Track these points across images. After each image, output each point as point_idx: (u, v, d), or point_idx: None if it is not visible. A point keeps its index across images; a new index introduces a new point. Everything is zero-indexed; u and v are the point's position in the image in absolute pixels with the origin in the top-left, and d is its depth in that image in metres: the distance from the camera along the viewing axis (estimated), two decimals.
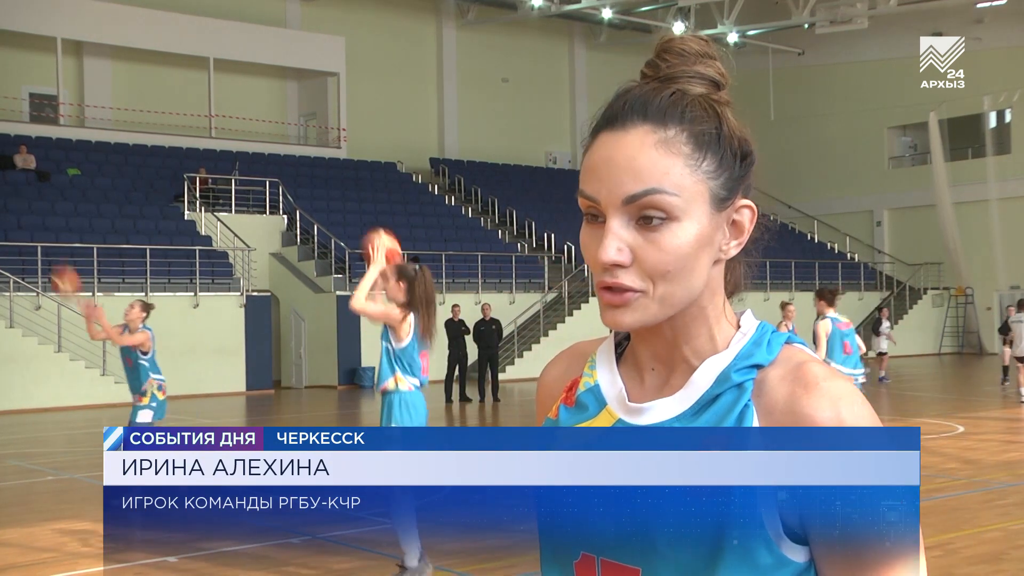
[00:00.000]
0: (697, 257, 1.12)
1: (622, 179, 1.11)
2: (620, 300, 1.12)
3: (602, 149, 1.14)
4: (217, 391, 20.57)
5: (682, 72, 1.17)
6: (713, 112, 1.16)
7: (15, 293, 19.63)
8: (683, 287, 1.13)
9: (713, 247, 1.14)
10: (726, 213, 1.15)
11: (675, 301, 1.13)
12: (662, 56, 1.19)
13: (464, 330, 19.12)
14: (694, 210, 1.12)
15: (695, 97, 1.15)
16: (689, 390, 1.16)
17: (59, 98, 26.79)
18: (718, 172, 1.14)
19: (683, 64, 1.17)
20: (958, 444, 11.98)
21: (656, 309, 1.13)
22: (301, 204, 25.46)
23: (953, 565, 6.40)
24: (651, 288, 1.12)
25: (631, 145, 1.12)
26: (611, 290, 1.13)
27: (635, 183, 1.11)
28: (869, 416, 1.09)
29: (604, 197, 1.12)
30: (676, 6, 31.41)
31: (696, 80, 1.17)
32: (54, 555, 7.30)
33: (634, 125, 1.13)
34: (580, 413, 1.23)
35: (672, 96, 1.14)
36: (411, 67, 32.66)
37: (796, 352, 1.16)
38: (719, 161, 1.14)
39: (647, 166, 1.11)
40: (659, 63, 1.19)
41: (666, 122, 1.13)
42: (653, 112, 1.13)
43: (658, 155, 1.11)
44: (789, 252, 30.96)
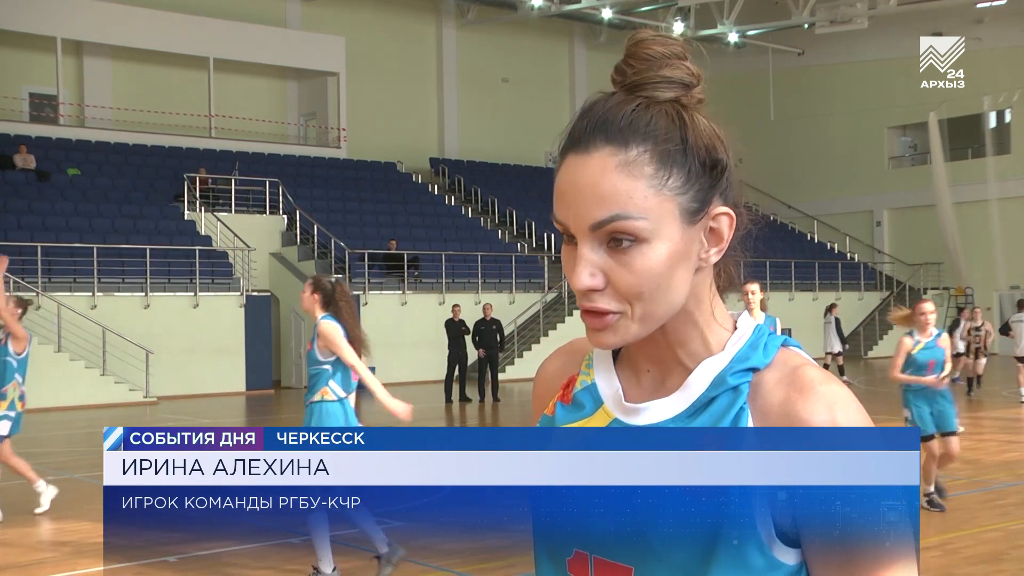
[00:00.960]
0: (671, 275, 1.11)
1: (587, 205, 1.10)
2: (601, 324, 1.12)
3: (568, 173, 1.13)
4: (217, 391, 20.57)
5: (647, 78, 1.15)
6: (679, 121, 1.13)
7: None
8: (662, 304, 1.12)
9: (690, 259, 1.13)
10: (701, 223, 1.13)
11: (656, 318, 1.13)
12: (628, 61, 1.17)
13: (464, 330, 19.12)
14: (663, 229, 1.10)
15: (660, 108, 1.13)
16: (685, 392, 1.16)
17: (59, 98, 26.80)
18: (686, 187, 1.12)
19: (648, 69, 1.15)
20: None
21: (637, 328, 1.13)
22: (301, 204, 25.46)
23: (953, 565, 6.40)
24: (629, 309, 1.11)
25: (594, 170, 1.11)
26: (590, 314, 1.13)
27: (600, 209, 1.10)
28: (863, 421, 1.09)
29: (572, 223, 1.12)
30: (676, 6, 31.41)
31: (663, 85, 1.14)
32: (54, 555, 7.30)
33: (596, 147, 1.11)
34: (576, 411, 1.23)
35: (634, 111, 1.12)
36: (411, 67, 32.66)
37: (792, 355, 1.16)
38: (686, 175, 1.12)
39: (610, 191, 1.09)
40: (626, 68, 1.17)
41: (627, 142, 1.11)
42: (614, 132, 1.11)
43: (620, 179, 1.10)
44: (789, 252, 30.97)
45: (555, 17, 32.79)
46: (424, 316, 23.42)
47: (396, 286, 24.16)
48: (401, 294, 23.94)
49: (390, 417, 6.49)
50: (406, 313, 23.78)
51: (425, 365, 22.90)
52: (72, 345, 19.81)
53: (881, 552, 1.05)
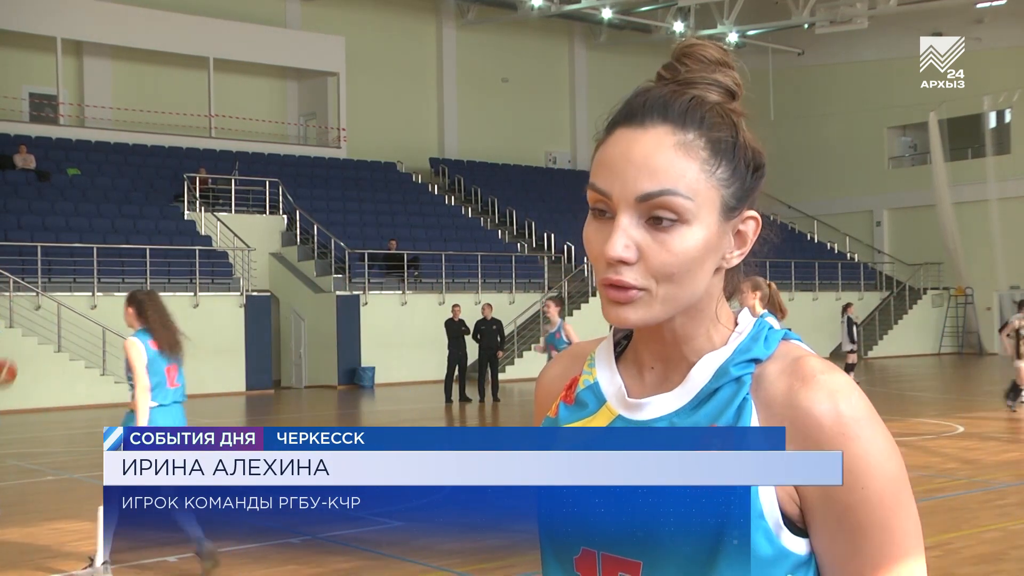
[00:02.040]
0: (702, 262, 1.13)
1: (638, 176, 1.11)
2: (624, 297, 1.12)
3: (619, 144, 1.14)
4: (217, 391, 20.56)
5: (700, 78, 1.17)
6: (730, 121, 1.16)
7: (15, 293, 19.64)
8: (686, 290, 1.13)
9: (718, 254, 1.15)
10: (733, 222, 1.16)
11: (678, 303, 1.14)
12: (681, 60, 1.19)
13: (464, 330, 19.12)
14: (704, 216, 1.12)
15: (713, 104, 1.16)
16: (688, 385, 1.16)
17: (59, 98, 26.79)
18: (731, 181, 1.14)
19: (702, 70, 1.18)
20: (958, 444, 11.98)
21: (659, 309, 1.13)
22: (301, 204, 25.46)
23: (953, 565, 6.40)
24: (654, 287, 1.12)
25: (649, 143, 1.12)
26: (615, 287, 1.12)
27: (651, 182, 1.11)
28: (866, 409, 1.09)
29: (617, 192, 1.12)
30: (676, 6, 31.40)
31: (713, 88, 1.17)
32: (54, 555, 7.30)
33: (653, 124, 1.13)
34: (580, 410, 1.23)
35: (692, 100, 1.15)
36: (411, 67, 32.65)
37: (793, 347, 1.17)
38: (733, 170, 1.14)
39: (664, 166, 1.11)
40: (678, 67, 1.19)
41: (686, 125, 1.13)
42: (674, 114, 1.13)
43: (676, 157, 1.11)
44: (789, 252, 30.96)
45: (555, 17, 32.78)
46: (424, 316, 23.42)
47: (396, 286, 24.16)
48: (401, 294, 23.94)
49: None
50: (406, 313, 23.78)
51: (425, 365, 22.90)
52: (72, 345, 19.81)
53: (889, 541, 1.05)
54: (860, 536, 1.06)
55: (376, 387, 22.60)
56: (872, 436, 1.07)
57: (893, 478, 1.07)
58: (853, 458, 1.06)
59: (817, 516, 1.08)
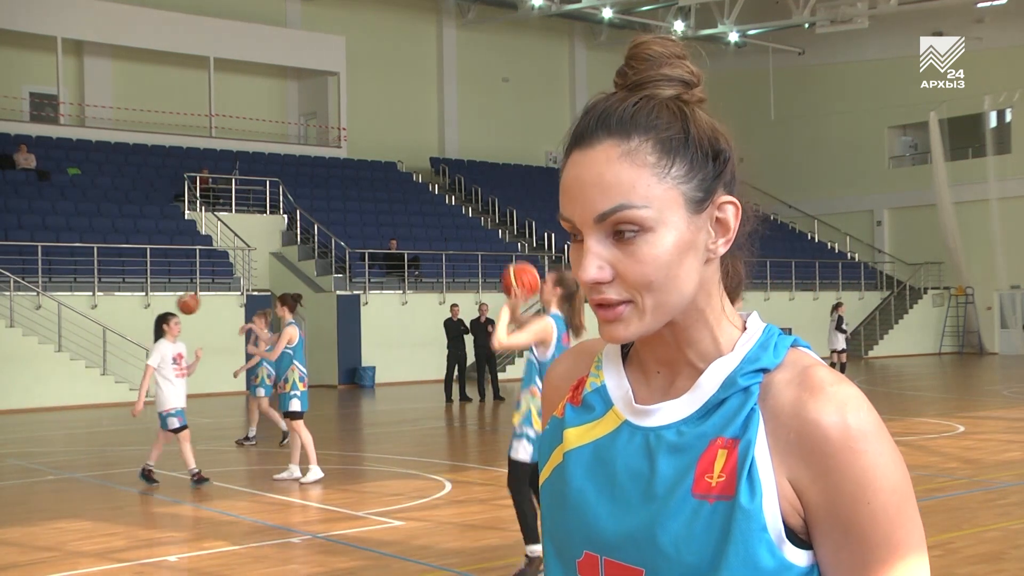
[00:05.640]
0: (680, 263, 1.11)
1: (591, 197, 1.11)
2: (613, 315, 1.12)
3: (572, 169, 1.15)
4: (217, 391, 20.56)
5: (648, 77, 1.16)
6: (680, 114, 1.14)
7: (15, 293, 19.64)
8: (673, 294, 1.12)
9: (698, 249, 1.13)
10: (707, 213, 1.14)
11: (668, 308, 1.13)
12: (629, 63, 1.18)
13: (464, 330, 19.12)
14: (668, 217, 1.11)
15: (661, 101, 1.14)
16: (696, 393, 1.16)
17: (59, 97, 26.81)
18: (689, 175, 1.13)
19: (649, 69, 1.16)
20: (958, 444, 11.98)
21: (650, 319, 1.13)
22: (301, 204, 25.47)
23: (953, 565, 6.40)
24: (639, 299, 1.11)
25: (597, 162, 1.12)
26: (602, 306, 1.13)
27: (603, 200, 1.10)
28: (874, 421, 1.09)
29: (578, 217, 1.12)
30: (676, 6, 31.42)
31: (664, 83, 1.16)
32: (54, 555, 7.30)
33: (599, 141, 1.13)
34: (586, 413, 1.23)
35: (636, 105, 1.14)
36: (411, 67, 32.66)
37: (802, 356, 1.16)
38: (689, 164, 1.13)
39: (613, 181, 1.10)
40: (627, 70, 1.18)
41: (629, 133, 1.12)
42: (615, 125, 1.13)
43: (623, 168, 1.11)
44: (789, 252, 30.97)
45: (555, 17, 32.80)
46: (424, 316, 23.42)
47: (396, 286, 24.17)
48: (401, 294, 23.94)
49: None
50: (406, 313, 23.79)
51: (425, 365, 22.91)
52: (72, 345, 19.82)
53: (893, 554, 1.05)
54: (865, 549, 1.06)
55: (376, 387, 22.61)
56: (880, 450, 1.07)
57: (899, 492, 1.07)
58: (860, 472, 1.06)
59: (822, 528, 1.08)
